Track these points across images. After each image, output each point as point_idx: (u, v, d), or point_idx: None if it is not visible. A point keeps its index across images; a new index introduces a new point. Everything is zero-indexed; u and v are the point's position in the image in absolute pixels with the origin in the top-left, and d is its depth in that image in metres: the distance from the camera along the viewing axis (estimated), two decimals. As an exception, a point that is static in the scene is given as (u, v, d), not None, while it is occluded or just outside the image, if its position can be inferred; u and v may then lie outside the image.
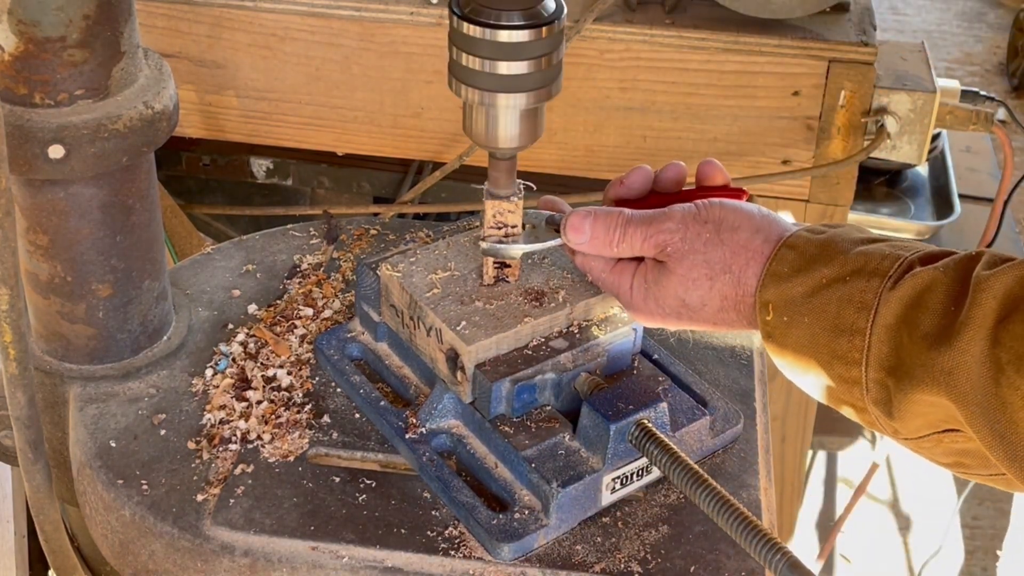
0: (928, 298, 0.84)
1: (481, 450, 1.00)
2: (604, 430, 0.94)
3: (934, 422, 0.85)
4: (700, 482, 0.88)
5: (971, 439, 0.83)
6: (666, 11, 1.65)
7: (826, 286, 0.89)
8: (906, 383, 0.84)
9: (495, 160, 1.01)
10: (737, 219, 0.95)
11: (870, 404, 0.88)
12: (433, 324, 1.00)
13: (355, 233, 1.31)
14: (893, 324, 0.85)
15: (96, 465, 1.01)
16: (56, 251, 1.04)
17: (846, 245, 0.90)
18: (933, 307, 0.83)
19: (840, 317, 0.88)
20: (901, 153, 1.67)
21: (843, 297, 0.88)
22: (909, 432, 0.87)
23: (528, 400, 0.98)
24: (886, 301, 0.85)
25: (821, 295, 0.89)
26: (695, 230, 0.95)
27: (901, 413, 0.86)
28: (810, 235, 0.93)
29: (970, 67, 5.01)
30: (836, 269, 0.89)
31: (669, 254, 0.96)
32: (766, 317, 0.92)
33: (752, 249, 0.94)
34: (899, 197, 2.23)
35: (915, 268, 0.86)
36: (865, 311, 0.86)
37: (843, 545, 2.55)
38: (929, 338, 0.82)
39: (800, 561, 0.82)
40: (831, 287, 0.89)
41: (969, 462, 0.88)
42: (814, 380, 0.92)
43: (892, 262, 0.87)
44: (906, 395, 0.84)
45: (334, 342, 1.11)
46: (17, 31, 0.95)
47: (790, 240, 0.93)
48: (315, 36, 1.67)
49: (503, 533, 0.93)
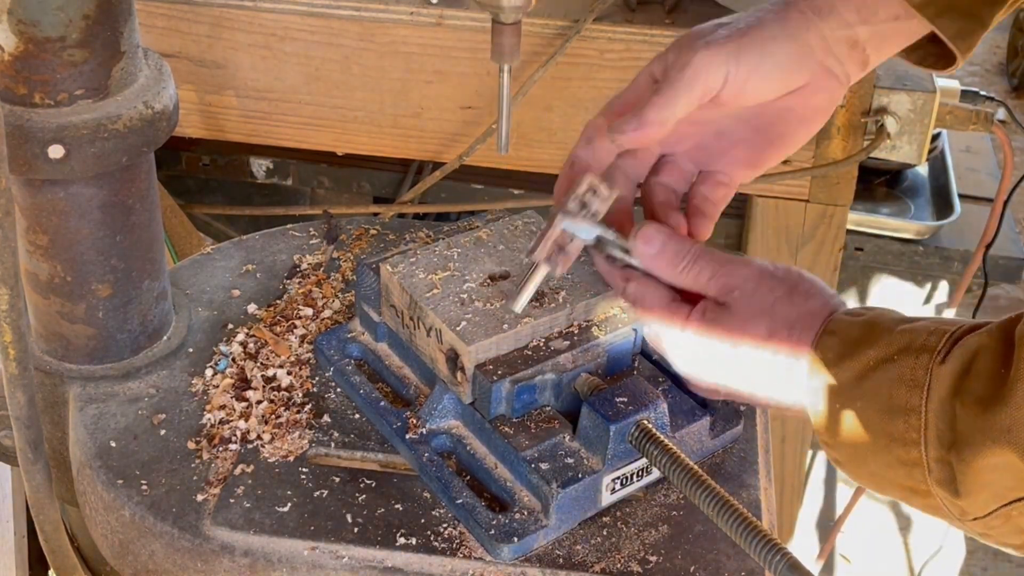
0: (977, 364, 0.82)
1: (481, 450, 1.00)
2: (604, 431, 0.94)
3: (1001, 492, 0.82)
4: (700, 483, 0.88)
5: None
6: (666, 11, 1.65)
7: (874, 368, 0.86)
8: (967, 453, 0.81)
9: (499, 25, 0.99)
10: (813, 288, 0.93)
11: (934, 486, 0.84)
12: (433, 324, 1.00)
13: (355, 233, 1.31)
14: (947, 398, 0.82)
15: (96, 465, 1.01)
16: (56, 251, 1.04)
17: (889, 324, 0.88)
18: (983, 372, 0.81)
19: (893, 398, 0.85)
20: (901, 153, 1.67)
21: (893, 377, 0.85)
22: (977, 510, 0.84)
23: (528, 400, 0.98)
24: (938, 376, 0.83)
25: (870, 378, 0.86)
26: (768, 285, 0.93)
27: (967, 488, 0.83)
28: (850, 319, 0.90)
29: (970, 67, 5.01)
30: (882, 350, 0.86)
31: (736, 298, 0.93)
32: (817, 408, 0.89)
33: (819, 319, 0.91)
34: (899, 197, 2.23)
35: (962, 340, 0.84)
36: (918, 389, 0.84)
37: (843, 545, 2.55)
38: (983, 402, 0.80)
39: (799, 562, 0.82)
40: (880, 368, 0.86)
41: None
42: (875, 470, 0.88)
43: (939, 337, 0.85)
44: (969, 466, 0.81)
45: (334, 342, 1.11)
46: (17, 31, 0.95)
47: (830, 327, 0.90)
48: (315, 36, 1.67)
49: (503, 533, 0.93)
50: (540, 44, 1.63)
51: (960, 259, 2.11)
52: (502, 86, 1.03)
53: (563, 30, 1.61)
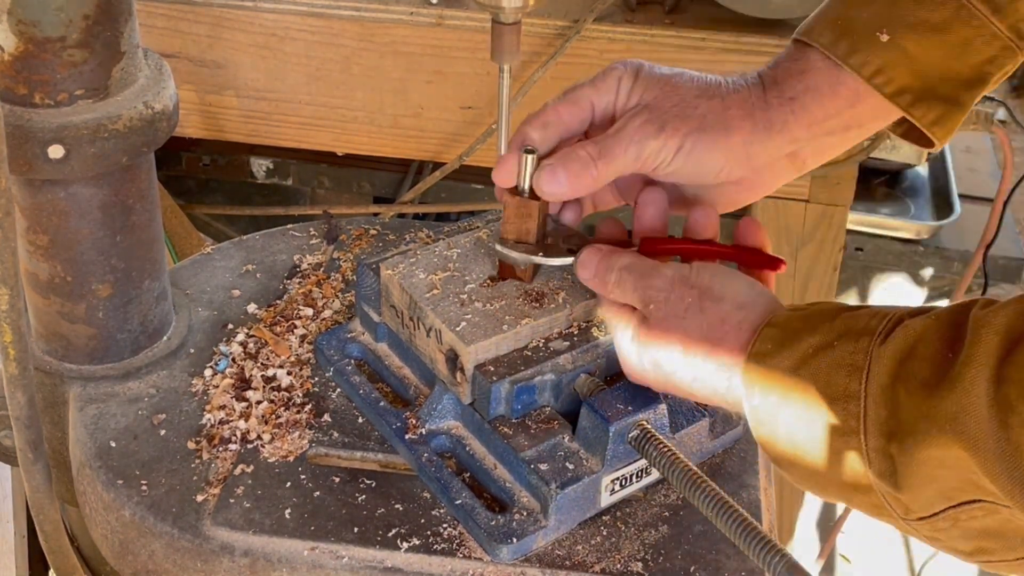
0: (922, 347, 0.78)
1: (480, 451, 1.00)
2: (603, 431, 0.94)
3: (947, 490, 0.77)
4: (699, 484, 0.88)
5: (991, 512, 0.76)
6: (666, 11, 1.65)
7: (812, 355, 0.82)
8: (910, 442, 0.77)
9: (499, 25, 0.99)
10: (723, 290, 0.90)
11: (874, 478, 0.80)
12: (433, 325, 1.00)
13: (355, 233, 1.31)
14: (888, 383, 0.78)
15: (96, 465, 1.01)
16: (56, 251, 1.04)
17: (830, 313, 0.85)
18: (929, 355, 0.77)
19: (830, 385, 0.81)
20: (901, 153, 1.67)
21: (832, 363, 0.81)
22: (921, 507, 0.79)
23: (527, 401, 0.98)
24: (878, 358, 0.79)
25: (808, 365, 0.82)
26: (679, 292, 0.91)
27: (909, 481, 0.78)
28: (792, 312, 0.87)
29: (970, 67, 5.00)
30: (822, 336, 0.83)
31: (652, 311, 0.92)
32: (753, 403, 0.86)
33: (729, 325, 0.88)
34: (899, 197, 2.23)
35: (904, 321, 0.80)
36: (857, 373, 0.80)
37: (843, 545, 2.55)
38: (928, 386, 0.76)
39: (798, 563, 0.82)
40: (818, 355, 0.82)
41: (992, 545, 0.80)
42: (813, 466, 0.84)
43: (880, 319, 0.81)
44: (912, 456, 0.77)
45: (334, 342, 1.11)
46: (17, 31, 0.95)
47: (772, 320, 0.87)
48: (315, 36, 1.67)
49: (502, 534, 0.93)
50: (540, 44, 1.63)
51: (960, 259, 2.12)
52: (502, 86, 1.03)
53: (563, 30, 1.61)
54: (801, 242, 1.72)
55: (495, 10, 0.98)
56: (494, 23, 0.99)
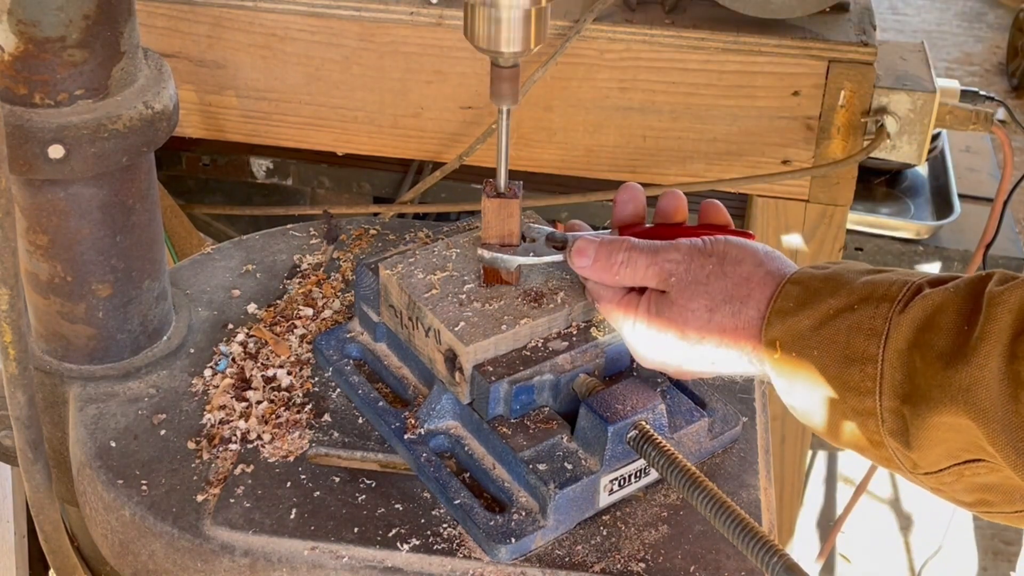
0: (940, 318, 0.81)
1: (479, 451, 1.00)
2: (602, 432, 0.94)
3: (954, 451, 0.82)
4: (697, 484, 0.88)
5: (994, 470, 0.81)
6: (666, 11, 1.65)
7: (833, 316, 0.87)
8: (923, 408, 0.81)
9: (498, 68, 0.99)
10: (741, 253, 0.95)
11: (887, 436, 0.85)
12: (432, 325, 1.00)
13: (355, 233, 1.31)
14: (905, 349, 0.82)
15: (96, 465, 1.01)
16: (56, 251, 1.04)
17: (851, 276, 0.89)
18: (946, 327, 0.81)
19: (850, 346, 0.85)
20: (901, 153, 1.67)
21: (852, 325, 0.85)
22: (928, 464, 0.84)
23: (526, 401, 0.98)
24: (897, 325, 0.83)
25: (829, 326, 0.87)
26: (699, 262, 0.95)
27: (919, 442, 0.83)
28: (814, 271, 0.91)
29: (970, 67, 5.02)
30: (843, 299, 0.87)
31: (672, 284, 0.95)
32: (774, 355, 0.90)
33: (754, 281, 0.93)
34: (899, 197, 2.23)
35: (924, 291, 0.84)
36: (876, 337, 0.84)
37: (843, 545, 2.55)
38: (944, 357, 0.80)
39: (796, 563, 0.82)
40: (839, 317, 0.86)
41: (992, 498, 0.85)
42: (828, 418, 0.89)
43: (900, 287, 0.85)
44: (924, 420, 0.81)
45: (333, 342, 1.11)
46: (17, 31, 0.95)
47: (794, 276, 0.91)
48: (315, 36, 1.67)
49: (500, 534, 0.93)
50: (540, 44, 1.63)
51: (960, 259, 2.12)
52: (501, 130, 1.03)
53: (563, 30, 1.61)
54: (801, 242, 1.72)
55: (494, 54, 0.98)
56: (493, 66, 0.99)
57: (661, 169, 1.70)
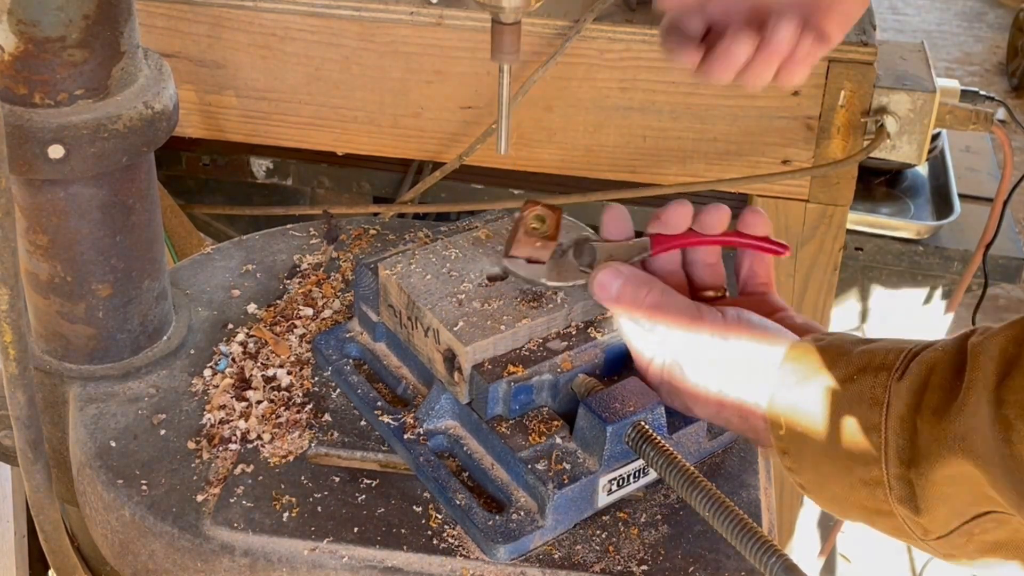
0: (933, 379, 0.83)
1: (478, 451, 1.00)
2: (601, 432, 0.94)
3: (960, 507, 0.83)
4: (696, 485, 0.88)
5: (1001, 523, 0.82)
6: (666, 11, 1.65)
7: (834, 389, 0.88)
8: (925, 466, 0.82)
9: (499, 25, 0.99)
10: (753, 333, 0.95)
11: (895, 504, 0.85)
12: (431, 324, 1.00)
13: (355, 233, 1.31)
14: (906, 414, 0.83)
15: (96, 465, 1.01)
16: (56, 251, 1.05)
17: (847, 347, 0.90)
18: (939, 384, 0.82)
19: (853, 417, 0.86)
20: (901, 153, 1.67)
21: (853, 396, 0.86)
22: (938, 527, 0.85)
23: (525, 401, 0.98)
24: (896, 393, 0.84)
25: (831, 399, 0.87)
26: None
27: (927, 504, 0.83)
28: (809, 344, 0.92)
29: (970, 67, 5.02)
30: (842, 371, 0.88)
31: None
32: (779, 432, 0.91)
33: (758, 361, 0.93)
34: (899, 197, 2.23)
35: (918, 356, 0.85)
36: (877, 406, 0.85)
37: (843, 545, 2.55)
38: (939, 412, 0.81)
39: (795, 564, 0.82)
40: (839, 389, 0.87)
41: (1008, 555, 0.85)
42: (837, 492, 0.89)
43: (896, 355, 0.86)
44: (927, 479, 0.82)
45: (332, 342, 1.11)
46: (17, 31, 0.95)
47: (790, 353, 0.92)
48: (315, 36, 1.67)
49: (499, 534, 0.93)
50: (540, 44, 1.63)
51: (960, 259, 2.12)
52: (502, 86, 1.03)
53: (563, 30, 1.61)
54: (801, 242, 1.72)
55: (495, 10, 0.98)
56: (494, 23, 0.99)
57: (661, 169, 1.70)
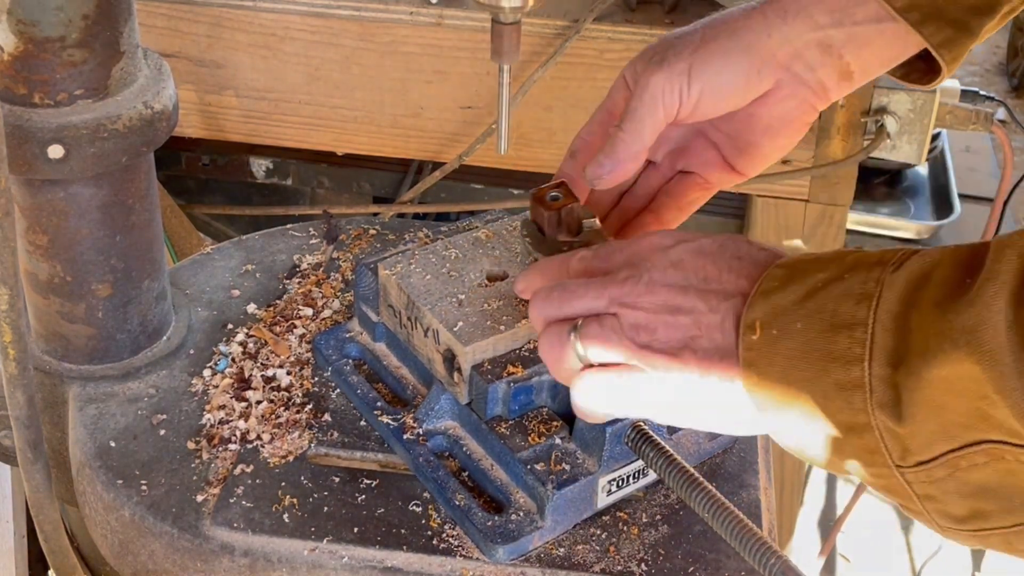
0: (937, 273, 0.74)
1: (478, 451, 1.00)
2: (600, 432, 0.94)
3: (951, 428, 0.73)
4: (695, 485, 0.88)
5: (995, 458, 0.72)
6: (666, 11, 1.65)
7: (821, 287, 0.78)
8: (920, 363, 0.72)
9: (499, 25, 0.99)
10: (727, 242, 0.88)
11: (874, 410, 0.75)
12: (430, 325, 1.00)
13: (355, 233, 1.31)
14: (900, 311, 0.74)
15: (96, 465, 1.01)
16: (56, 251, 1.04)
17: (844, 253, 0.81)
18: (944, 280, 0.73)
19: (837, 314, 0.76)
20: (901, 153, 1.67)
21: (841, 293, 0.77)
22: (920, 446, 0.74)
23: (525, 401, 0.98)
24: (889, 285, 0.75)
25: (816, 297, 0.78)
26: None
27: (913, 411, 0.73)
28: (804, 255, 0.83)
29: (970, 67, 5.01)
30: (833, 271, 0.78)
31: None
32: (751, 338, 0.80)
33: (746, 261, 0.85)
34: (899, 197, 2.23)
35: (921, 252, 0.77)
36: (866, 300, 0.75)
37: (843, 545, 2.55)
38: (943, 305, 0.72)
39: (794, 565, 0.81)
40: (828, 287, 0.78)
41: (989, 507, 0.75)
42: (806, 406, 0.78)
43: (895, 252, 0.78)
44: (920, 379, 0.72)
45: (332, 342, 1.11)
46: (17, 31, 0.95)
47: (782, 261, 0.83)
48: (315, 36, 1.67)
49: (498, 535, 0.93)
50: (540, 44, 1.63)
51: (960, 259, 2.11)
52: (502, 85, 1.03)
53: (563, 30, 1.61)
54: (801, 242, 1.72)
55: (495, 10, 0.98)
56: (494, 23, 0.99)
57: (661, 169, 1.69)
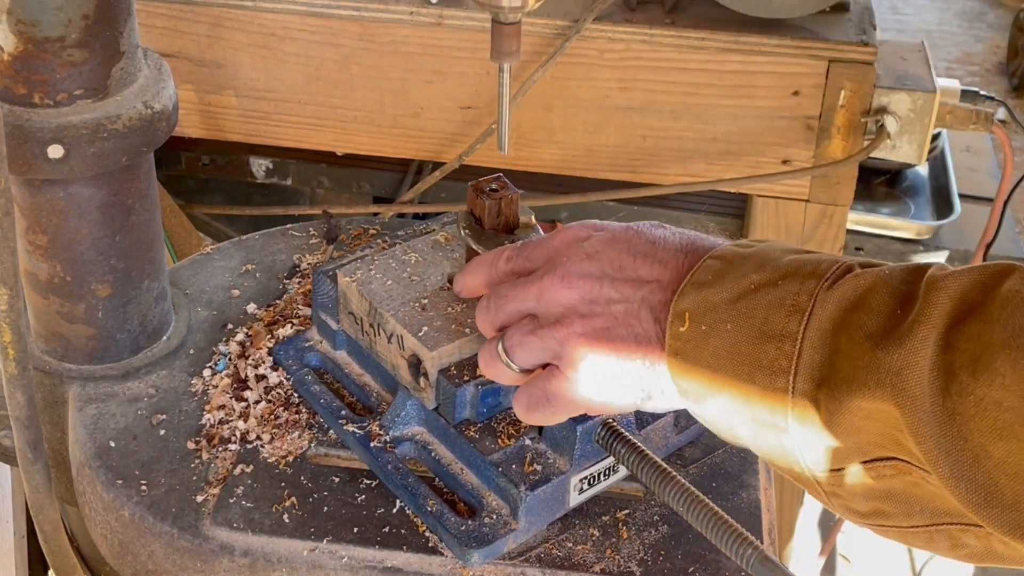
0: (872, 299, 0.75)
1: (447, 456, 0.98)
2: (570, 431, 0.93)
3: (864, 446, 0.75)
4: (668, 479, 0.87)
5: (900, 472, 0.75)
6: (666, 11, 1.65)
7: (754, 291, 0.79)
8: (842, 391, 0.74)
9: (499, 25, 0.99)
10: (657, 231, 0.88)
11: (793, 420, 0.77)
12: (394, 331, 0.98)
13: (355, 233, 1.31)
14: (830, 329, 0.75)
15: (95, 465, 1.01)
16: (55, 251, 1.04)
17: (778, 254, 0.82)
18: (878, 308, 0.75)
19: (768, 322, 0.77)
20: (901, 153, 1.67)
21: (773, 301, 0.78)
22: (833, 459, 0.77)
23: (493, 404, 0.97)
24: (822, 302, 0.76)
25: (748, 299, 0.79)
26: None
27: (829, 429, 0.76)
28: (738, 248, 0.84)
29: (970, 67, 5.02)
30: (767, 274, 0.79)
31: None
32: (679, 329, 0.80)
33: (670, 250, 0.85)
34: (899, 197, 2.23)
35: (856, 271, 0.78)
36: (798, 314, 0.77)
37: (843, 545, 2.55)
38: (874, 338, 0.74)
39: (770, 555, 0.80)
40: (760, 291, 0.79)
41: (890, 508, 0.78)
42: (726, 402, 0.80)
43: (830, 265, 0.79)
44: (840, 404, 0.74)
45: (292, 352, 1.10)
46: (17, 31, 0.95)
47: (717, 252, 0.83)
48: (315, 36, 1.67)
49: (472, 539, 0.92)
50: (540, 44, 1.63)
51: (960, 259, 2.11)
52: (502, 85, 1.03)
53: (563, 30, 1.61)
54: (801, 242, 1.72)
55: (495, 10, 0.98)
56: (494, 23, 0.99)
57: (661, 169, 1.70)
